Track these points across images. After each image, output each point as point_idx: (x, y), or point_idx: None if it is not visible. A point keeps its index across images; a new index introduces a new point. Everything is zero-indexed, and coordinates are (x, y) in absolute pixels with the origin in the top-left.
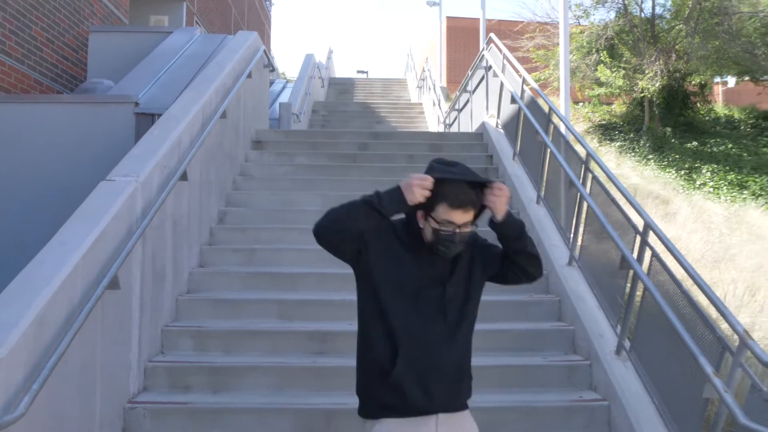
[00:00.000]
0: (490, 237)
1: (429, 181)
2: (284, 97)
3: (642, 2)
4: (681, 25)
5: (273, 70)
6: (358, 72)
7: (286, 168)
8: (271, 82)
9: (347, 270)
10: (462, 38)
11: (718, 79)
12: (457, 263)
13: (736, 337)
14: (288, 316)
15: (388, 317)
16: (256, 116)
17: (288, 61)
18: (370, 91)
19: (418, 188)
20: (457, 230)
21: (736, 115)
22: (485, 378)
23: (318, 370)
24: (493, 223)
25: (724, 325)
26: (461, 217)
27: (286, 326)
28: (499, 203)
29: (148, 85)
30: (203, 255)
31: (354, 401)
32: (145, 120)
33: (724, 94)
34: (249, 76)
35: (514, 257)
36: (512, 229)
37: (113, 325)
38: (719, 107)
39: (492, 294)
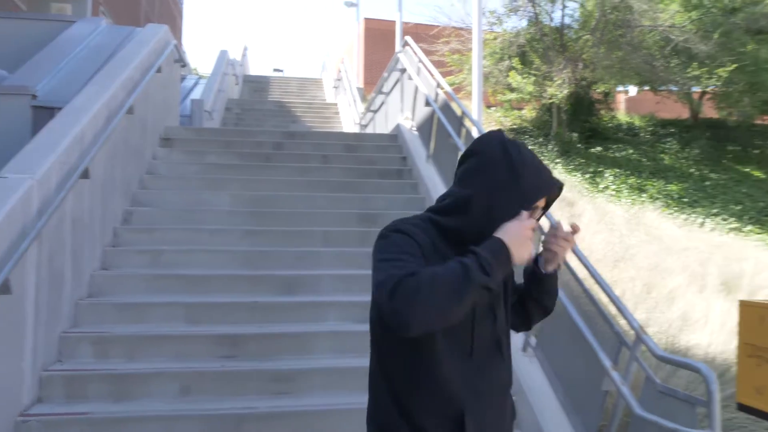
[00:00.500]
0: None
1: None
2: (196, 94)
3: (552, 12)
4: (588, 36)
5: (185, 65)
6: (274, 70)
7: (196, 167)
8: (183, 78)
9: (257, 272)
10: (379, 40)
11: (621, 88)
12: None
13: (633, 332)
14: (196, 320)
15: (441, 371)
16: (166, 113)
17: (201, 57)
18: (286, 90)
19: (532, 240)
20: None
21: (637, 123)
22: None
23: (227, 374)
24: (534, 271)
25: (622, 321)
26: (542, 201)
27: (194, 330)
28: (563, 253)
29: (47, 76)
30: (106, 257)
31: (264, 405)
32: (44, 114)
33: (626, 102)
34: (158, 70)
35: (533, 311)
36: (555, 284)
37: (3, 332)
38: (622, 115)
39: None
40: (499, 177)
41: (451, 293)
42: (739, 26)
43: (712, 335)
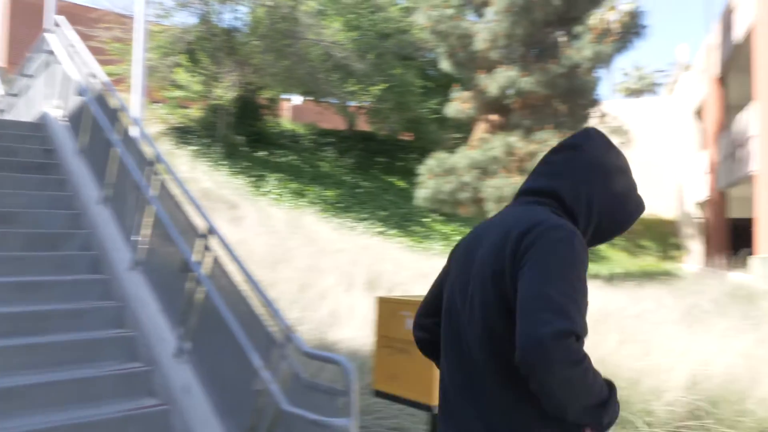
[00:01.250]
0: None
1: None
2: None
3: (221, 13)
4: (257, 42)
5: None
6: None
7: None
8: None
9: None
10: (30, 15)
11: (286, 96)
12: None
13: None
14: None
15: None
16: None
17: None
18: None
19: None
20: None
21: (300, 131)
22: (33, 398)
23: None
24: None
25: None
26: None
27: None
28: None
29: None
30: None
31: None
32: None
33: (292, 110)
34: None
35: None
36: None
37: None
38: (286, 122)
39: (42, 302)
40: (614, 175)
41: (581, 398)
42: (390, 50)
43: (357, 330)
